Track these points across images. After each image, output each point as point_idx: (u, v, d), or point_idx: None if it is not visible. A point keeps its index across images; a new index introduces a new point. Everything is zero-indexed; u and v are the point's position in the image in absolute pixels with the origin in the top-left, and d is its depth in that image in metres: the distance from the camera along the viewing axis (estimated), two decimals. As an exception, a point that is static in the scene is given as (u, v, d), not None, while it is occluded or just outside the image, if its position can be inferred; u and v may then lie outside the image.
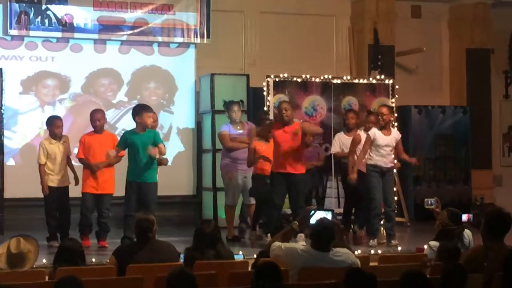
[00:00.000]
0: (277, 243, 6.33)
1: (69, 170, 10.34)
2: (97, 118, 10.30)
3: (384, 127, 10.13)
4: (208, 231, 6.65)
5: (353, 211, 11.13)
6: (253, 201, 10.73)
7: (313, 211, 6.63)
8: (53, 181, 10.17)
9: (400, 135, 10.41)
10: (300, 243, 6.27)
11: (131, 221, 8.57)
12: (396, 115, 12.91)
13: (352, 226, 11.14)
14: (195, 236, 6.71)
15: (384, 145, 10.08)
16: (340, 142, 11.01)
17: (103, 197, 10.22)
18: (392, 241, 10.13)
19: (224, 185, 11.01)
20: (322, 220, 6.31)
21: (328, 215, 6.49)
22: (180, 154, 12.92)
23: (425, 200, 8.27)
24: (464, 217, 7.35)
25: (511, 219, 6.14)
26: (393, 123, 10.82)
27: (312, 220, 6.46)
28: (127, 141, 9.85)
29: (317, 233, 6.18)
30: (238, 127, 10.92)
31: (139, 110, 9.93)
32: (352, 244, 9.05)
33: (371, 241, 10.09)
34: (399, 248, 9.91)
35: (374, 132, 10.11)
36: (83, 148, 10.26)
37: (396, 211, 11.17)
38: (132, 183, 9.81)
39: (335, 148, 11.10)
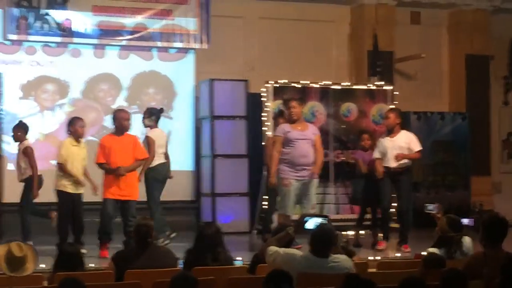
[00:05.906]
0: (274, 248, 6.29)
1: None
2: (124, 118, 9.76)
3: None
4: (208, 233, 6.62)
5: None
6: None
7: (307, 217, 6.59)
8: (66, 186, 9.78)
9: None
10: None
11: None
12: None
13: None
14: (196, 238, 6.68)
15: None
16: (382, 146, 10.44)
17: (127, 203, 9.67)
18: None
19: (279, 191, 9.79)
20: (322, 226, 6.27)
21: (323, 222, 6.45)
22: (179, 159, 12.90)
23: (425, 205, 8.30)
24: (466, 221, 7.36)
25: (507, 224, 6.14)
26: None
27: (309, 225, 6.42)
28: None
29: (317, 239, 6.15)
30: (299, 128, 9.61)
31: None
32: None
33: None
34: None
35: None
36: (103, 152, 9.69)
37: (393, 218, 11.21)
38: None
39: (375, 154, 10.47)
